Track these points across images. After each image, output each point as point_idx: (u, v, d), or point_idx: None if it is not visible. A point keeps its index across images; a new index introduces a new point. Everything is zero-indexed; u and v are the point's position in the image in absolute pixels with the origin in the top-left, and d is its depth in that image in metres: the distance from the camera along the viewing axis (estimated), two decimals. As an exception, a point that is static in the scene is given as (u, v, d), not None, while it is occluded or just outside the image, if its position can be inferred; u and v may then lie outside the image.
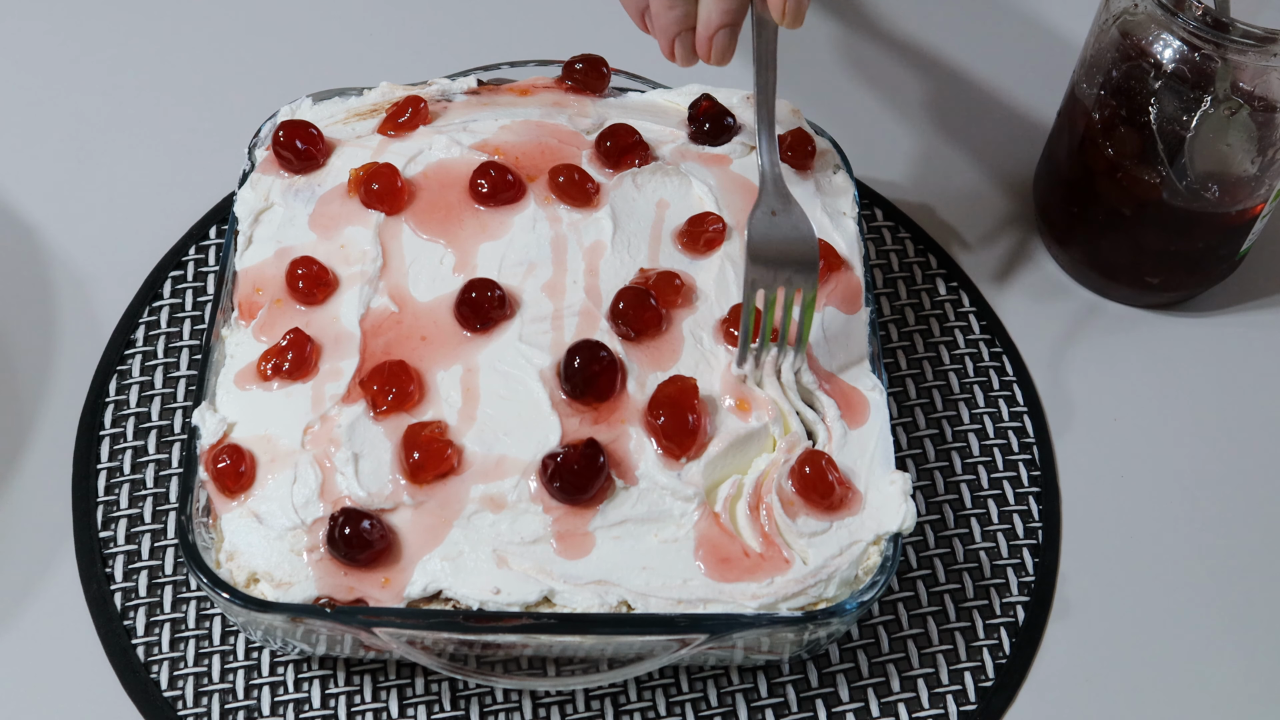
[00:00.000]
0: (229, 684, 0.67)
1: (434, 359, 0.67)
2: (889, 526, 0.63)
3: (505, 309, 0.68)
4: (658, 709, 0.67)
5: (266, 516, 0.62)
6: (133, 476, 0.73)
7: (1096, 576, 0.72)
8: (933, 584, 0.71)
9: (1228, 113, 0.71)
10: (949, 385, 0.78)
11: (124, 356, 0.77)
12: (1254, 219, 0.76)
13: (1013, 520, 0.74)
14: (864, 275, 0.71)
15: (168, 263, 0.81)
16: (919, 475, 0.75)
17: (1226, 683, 0.69)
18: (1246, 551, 0.74)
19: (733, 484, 0.64)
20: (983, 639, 0.70)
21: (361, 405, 0.65)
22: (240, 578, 0.61)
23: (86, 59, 0.92)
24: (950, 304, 0.82)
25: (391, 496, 0.62)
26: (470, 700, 0.67)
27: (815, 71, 0.93)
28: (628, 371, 0.66)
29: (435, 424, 0.64)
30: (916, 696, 0.68)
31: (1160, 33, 0.71)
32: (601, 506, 0.62)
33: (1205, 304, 0.83)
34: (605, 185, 0.73)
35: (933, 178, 0.88)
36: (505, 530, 0.62)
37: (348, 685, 0.67)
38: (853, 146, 0.78)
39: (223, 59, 0.92)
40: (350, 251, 0.70)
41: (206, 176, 0.85)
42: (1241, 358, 0.81)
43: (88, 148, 0.87)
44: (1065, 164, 0.80)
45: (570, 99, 0.78)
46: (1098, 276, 0.82)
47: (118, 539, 0.71)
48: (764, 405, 0.65)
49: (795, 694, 0.68)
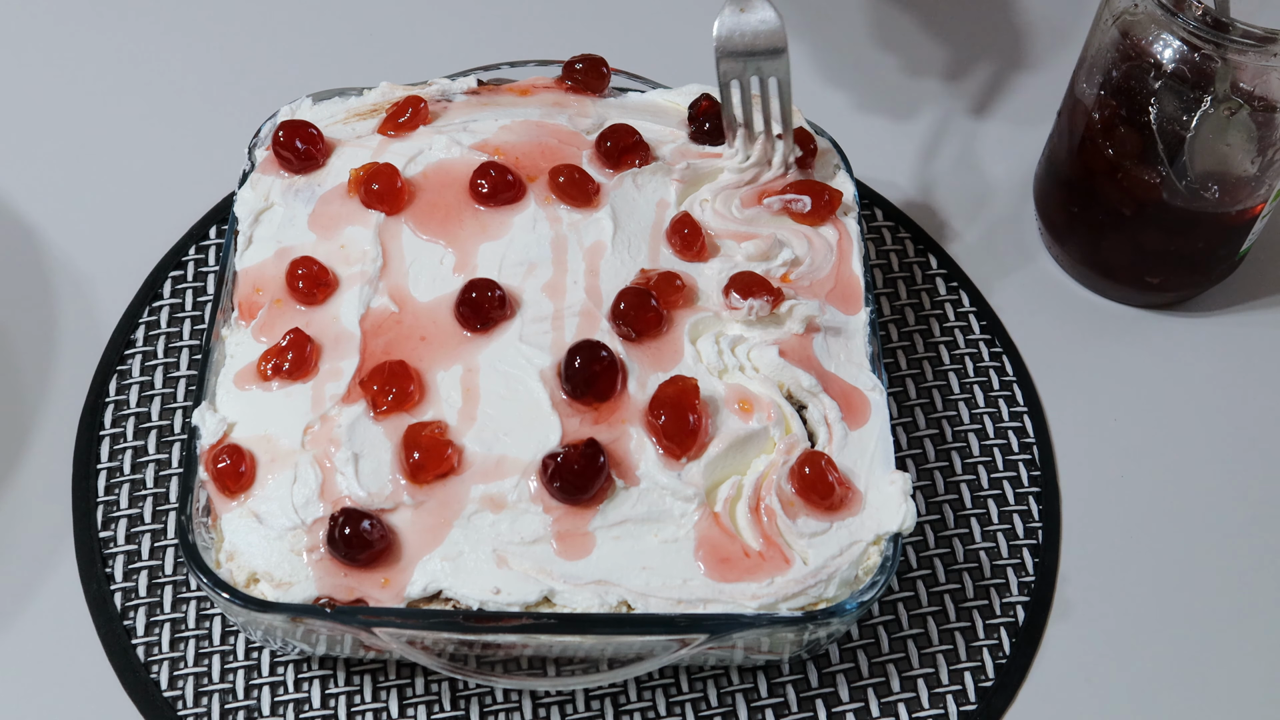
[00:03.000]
0: (229, 684, 0.67)
1: (434, 359, 0.67)
2: (889, 527, 0.63)
3: (505, 309, 0.68)
4: (658, 709, 0.67)
5: (266, 516, 0.62)
6: (133, 476, 0.73)
7: (1096, 576, 0.72)
8: (933, 584, 0.71)
9: (1227, 113, 0.71)
10: (949, 385, 0.78)
11: (124, 356, 0.77)
12: (1254, 219, 0.76)
13: (1013, 520, 0.74)
14: (864, 275, 0.71)
15: (168, 263, 0.81)
16: (919, 475, 0.75)
17: (1227, 683, 0.69)
18: (1246, 551, 0.74)
19: (733, 484, 0.64)
20: (983, 639, 0.70)
21: (361, 405, 0.65)
22: (240, 578, 0.61)
23: (87, 59, 0.92)
24: (950, 304, 0.82)
25: (391, 496, 0.62)
26: (470, 700, 0.67)
27: (815, 71, 0.93)
28: (628, 372, 0.66)
29: (435, 424, 0.64)
30: (916, 696, 0.68)
31: (1160, 33, 0.71)
32: (601, 506, 0.62)
33: (1205, 304, 0.83)
34: (605, 185, 0.73)
35: (933, 178, 0.88)
36: (505, 530, 0.62)
37: (348, 685, 0.67)
38: (853, 146, 0.78)
39: (223, 59, 0.92)
40: (350, 251, 0.70)
41: (206, 176, 0.85)
42: (1241, 358, 0.81)
43: (88, 148, 0.87)
44: (1065, 164, 0.80)
45: (570, 99, 0.78)
46: (1098, 276, 0.82)
47: (118, 539, 0.71)
48: (765, 407, 0.65)
49: (795, 694, 0.68)
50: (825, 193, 0.73)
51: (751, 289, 0.68)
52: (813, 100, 0.80)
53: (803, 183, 0.73)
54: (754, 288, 0.68)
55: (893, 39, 0.96)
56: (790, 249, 0.71)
